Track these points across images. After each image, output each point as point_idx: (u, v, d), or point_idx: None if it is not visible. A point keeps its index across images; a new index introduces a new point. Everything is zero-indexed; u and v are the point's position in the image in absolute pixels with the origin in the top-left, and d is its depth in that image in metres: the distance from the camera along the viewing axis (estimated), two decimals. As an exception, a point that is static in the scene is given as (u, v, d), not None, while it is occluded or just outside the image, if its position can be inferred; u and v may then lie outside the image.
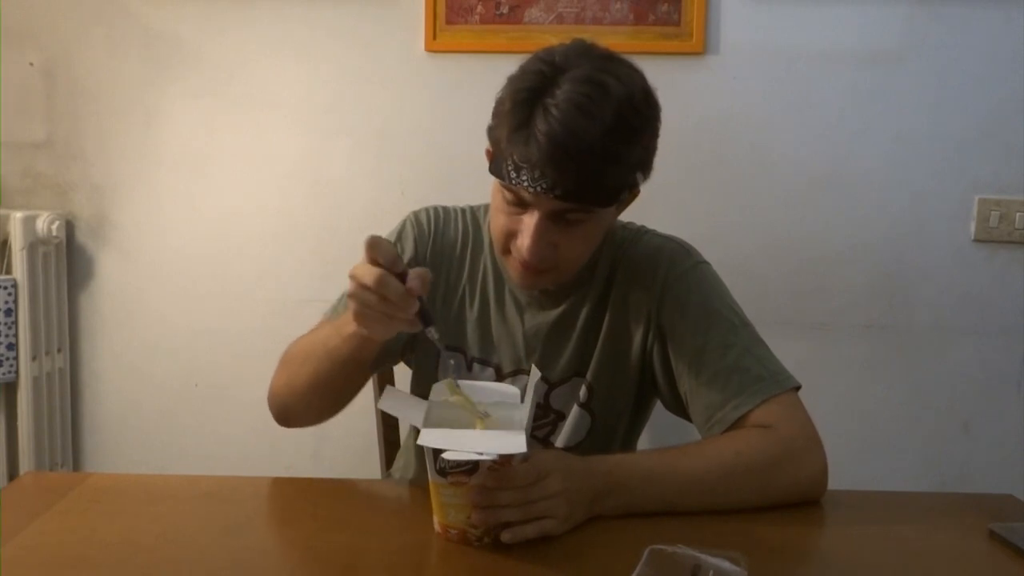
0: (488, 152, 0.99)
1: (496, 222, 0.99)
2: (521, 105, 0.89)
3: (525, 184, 0.89)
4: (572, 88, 0.87)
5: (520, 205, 0.94)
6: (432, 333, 0.84)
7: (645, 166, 0.97)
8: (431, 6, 1.70)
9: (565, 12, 1.70)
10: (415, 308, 0.81)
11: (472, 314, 1.10)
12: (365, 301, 0.81)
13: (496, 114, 0.94)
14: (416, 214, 1.13)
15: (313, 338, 1.01)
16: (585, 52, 0.93)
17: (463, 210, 1.15)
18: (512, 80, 0.93)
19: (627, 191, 0.97)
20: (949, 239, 1.73)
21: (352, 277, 0.81)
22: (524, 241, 0.93)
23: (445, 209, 1.14)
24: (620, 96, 0.89)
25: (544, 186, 0.88)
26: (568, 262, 0.99)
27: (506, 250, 0.99)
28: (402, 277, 0.80)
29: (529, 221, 0.93)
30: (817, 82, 1.70)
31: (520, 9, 1.70)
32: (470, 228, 1.12)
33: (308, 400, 1.03)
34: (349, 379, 1.00)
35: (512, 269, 1.00)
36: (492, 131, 0.95)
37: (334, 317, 1.08)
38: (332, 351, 0.94)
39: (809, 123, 1.72)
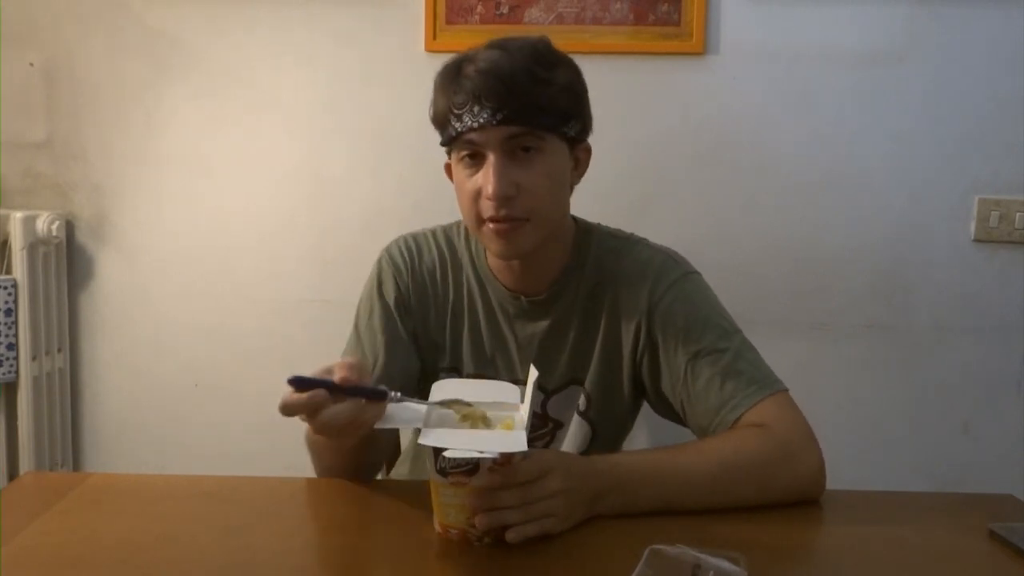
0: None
1: (462, 196, 1.01)
2: (447, 71, 0.99)
3: (468, 124, 0.95)
4: (489, 46, 0.98)
5: (475, 157, 0.98)
6: (395, 396, 0.81)
7: (578, 105, 1.01)
8: (431, 6, 1.70)
9: (565, 12, 1.70)
10: (376, 415, 0.79)
11: (464, 332, 1.11)
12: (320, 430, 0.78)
13: (433, 101, 1.01)
14: (388, 251, 1.13)
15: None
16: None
17: (434, 232, 1.15)
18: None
19: (567, 124, 0.99)
20: (949, 239, 1.73)
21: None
22: (487, 183, 0.95)
23: (415, 237, 1.15)
24: (532, 41, 0.99)
25: (485, 116, 0.94)
26: (536, 204, 0.98)
27: (479, 219, 0.99)
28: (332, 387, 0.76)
29: (487, 166, 0.96)
30: (817, 82, 1.70)
31: (520, 9, 1.70)
32: (445, 250, 1.13)
33: (350, 477, 0.98)
34: (371, 451, 0.98)
35: (488, 239, 1.00)
36: (434, 113, 1.01)
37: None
38: (333, 444, 0.89)
39: (809, 123, 1.72)
